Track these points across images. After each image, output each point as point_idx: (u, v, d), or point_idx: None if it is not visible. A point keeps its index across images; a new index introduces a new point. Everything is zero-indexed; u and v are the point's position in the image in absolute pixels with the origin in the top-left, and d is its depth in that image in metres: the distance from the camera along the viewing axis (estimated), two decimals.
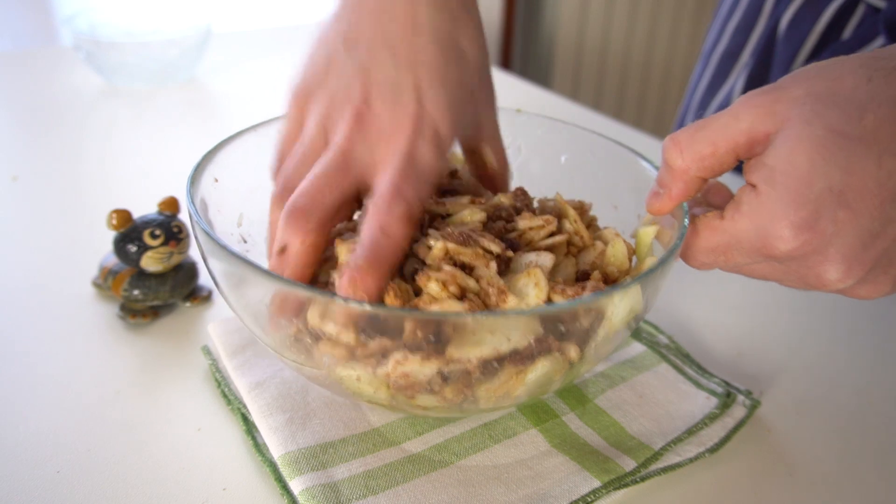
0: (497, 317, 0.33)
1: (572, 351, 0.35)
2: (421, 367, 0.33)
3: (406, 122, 0.37)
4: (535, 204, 0.46)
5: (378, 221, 0.35)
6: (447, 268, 0.36)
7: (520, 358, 0.34)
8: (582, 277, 0.40)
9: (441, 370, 0.33)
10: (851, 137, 0.31)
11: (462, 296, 0.35)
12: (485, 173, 0.46)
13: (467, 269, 0.37)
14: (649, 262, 0.40)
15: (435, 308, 0.34)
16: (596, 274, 0.39)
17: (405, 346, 0.33)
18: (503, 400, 0.36)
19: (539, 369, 0.34)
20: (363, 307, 0.32)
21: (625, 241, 0.41)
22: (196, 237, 0.38)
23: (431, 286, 0.35)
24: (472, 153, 0.46)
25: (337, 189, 0.37)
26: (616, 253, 0.41)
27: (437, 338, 0.33)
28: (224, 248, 0.34)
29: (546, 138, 0.49)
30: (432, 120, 0.38)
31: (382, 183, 0.36)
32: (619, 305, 0.34)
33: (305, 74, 0.41)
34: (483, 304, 0.35)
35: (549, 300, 0.36)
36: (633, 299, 0.35)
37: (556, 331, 0.34)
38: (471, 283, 0.36)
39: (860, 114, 0.32)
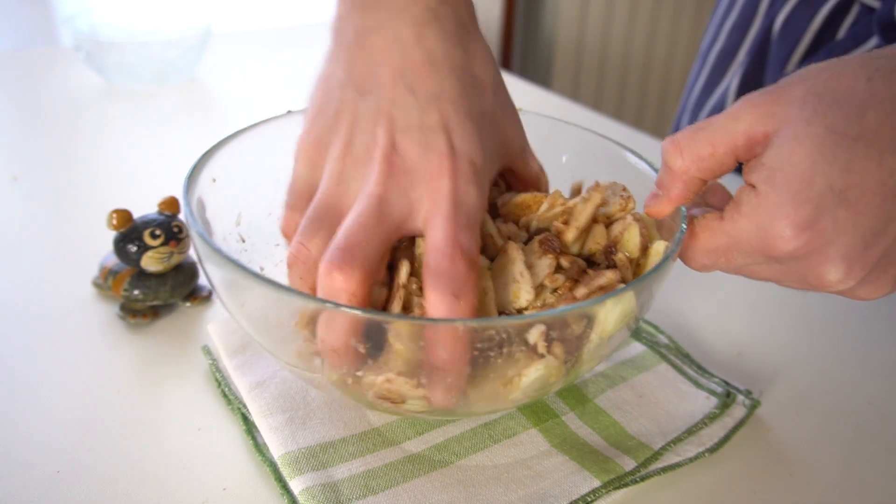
0: (482, 323, 0.32)
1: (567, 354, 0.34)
2: (410, 390, 0.33)
3: (442, 163, 0.35)
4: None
5: (448, 288, 0.33)
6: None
7: (506, 365, 0.33)
8: (607, 252, 0.40)
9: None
10: (852, 137, 0.31)
11: None
12: (524, 185, 0.44)
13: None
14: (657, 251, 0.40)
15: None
16: (621, 256, 0.39)
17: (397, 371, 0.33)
18: (498, 403, 0.36)
19: (534, 373, 0.34)
20: (341, 310, 0.31)
21: (640, 226, 0.41)
22: (194, 243, 0.38)
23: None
24: (509, 171, 0.44)
25: (376, 238, 0.34)
26: (631, 239, 0.40)
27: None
28: (220, 254, 0.34)
29: (548, 137, 0.49)
30: (466, 155, 0.36)
31: (437, 236, 0.34)
32: (612, 311, 0.34)
33: (314, 125, 0.38)
34: None
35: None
36: (626, 304, 0.34)
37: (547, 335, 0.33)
38: None
39: (861, 113, 0.31)
